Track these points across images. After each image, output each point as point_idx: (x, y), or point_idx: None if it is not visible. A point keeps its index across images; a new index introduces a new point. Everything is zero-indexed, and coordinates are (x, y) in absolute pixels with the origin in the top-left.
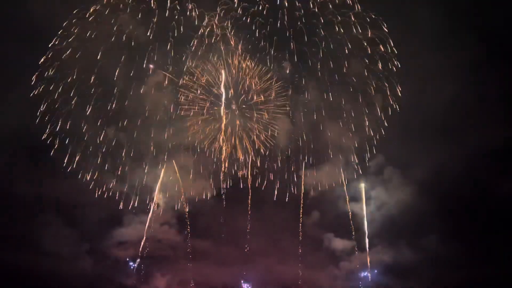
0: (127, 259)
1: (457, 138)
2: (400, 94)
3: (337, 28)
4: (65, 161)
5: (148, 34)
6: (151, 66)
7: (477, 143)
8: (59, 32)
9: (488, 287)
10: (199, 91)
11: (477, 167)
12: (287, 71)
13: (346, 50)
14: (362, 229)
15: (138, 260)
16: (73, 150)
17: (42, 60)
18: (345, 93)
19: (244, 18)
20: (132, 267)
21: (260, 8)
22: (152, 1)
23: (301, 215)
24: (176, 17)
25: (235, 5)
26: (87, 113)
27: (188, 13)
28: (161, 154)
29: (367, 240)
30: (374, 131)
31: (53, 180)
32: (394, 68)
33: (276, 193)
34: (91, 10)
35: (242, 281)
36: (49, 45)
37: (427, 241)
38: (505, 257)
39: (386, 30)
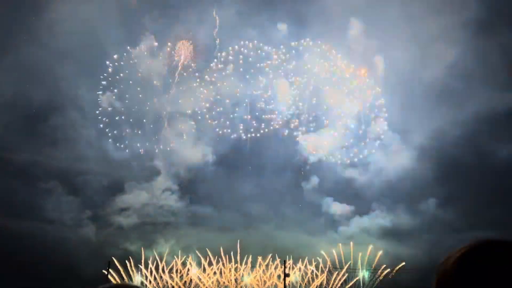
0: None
1: (457, 103)
2: (401, 59)
3: None
4: (64, 129)
5: None
6: None
7: (477, 108)
8: None
9: None
10: (193, 54)
11: (477, 131)
12: (284, 33)
13: (345, 14)
14: (361, 194)
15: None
16: (72, 118)
17: (33, 25)
18: (344, 58)
19: None
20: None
21: None
22: None
23: (301, 180)
24: None
25: None
26: (82, 79)
27: None
28: (160, 121)
29: (366, 205)
30: (374, 96)
31: (52, 148)
32: (396, 31)
33: (276, 158)
34: None
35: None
36: (41, 11)
37: (425, 206)
38: (503, 221)
39: None
